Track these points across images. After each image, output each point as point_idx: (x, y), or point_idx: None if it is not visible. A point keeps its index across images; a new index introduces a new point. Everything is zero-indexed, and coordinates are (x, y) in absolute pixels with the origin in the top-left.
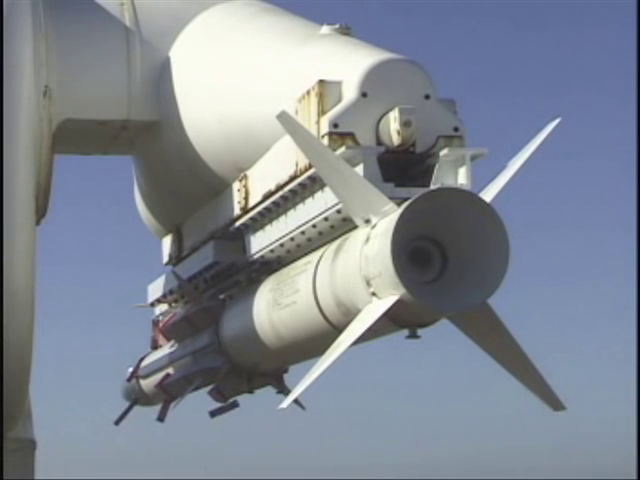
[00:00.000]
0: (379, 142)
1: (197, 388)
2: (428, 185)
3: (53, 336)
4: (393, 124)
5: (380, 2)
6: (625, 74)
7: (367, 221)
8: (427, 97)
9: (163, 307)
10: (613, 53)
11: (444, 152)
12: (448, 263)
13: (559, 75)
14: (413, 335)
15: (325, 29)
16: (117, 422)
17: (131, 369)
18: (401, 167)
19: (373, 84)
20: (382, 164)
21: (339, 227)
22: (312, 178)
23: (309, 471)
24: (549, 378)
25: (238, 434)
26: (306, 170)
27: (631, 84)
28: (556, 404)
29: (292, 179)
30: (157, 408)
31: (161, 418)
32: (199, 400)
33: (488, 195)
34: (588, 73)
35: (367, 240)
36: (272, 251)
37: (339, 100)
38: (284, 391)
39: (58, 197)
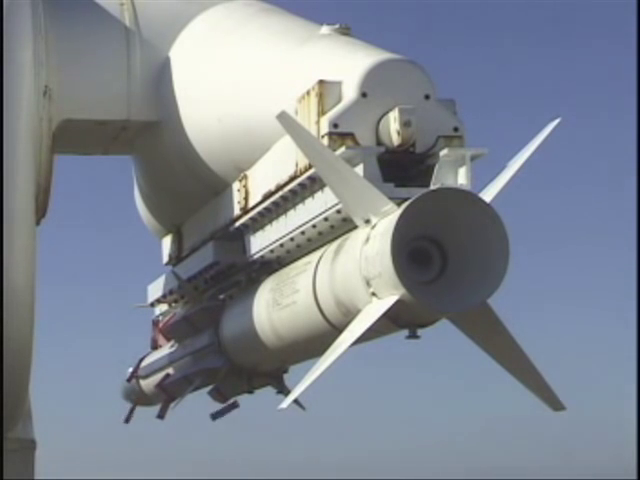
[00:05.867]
0: (379, 142)
1: (197, 388)
2: (428, 185)
3: (53, 336)
4: (393, 124)
5: (380, 2)
6: (625, 74)
7: (367, 221)
8: (427, 97)
9: (163, 307)
10: (613, 53)
11: (444, 152)
12: (448, 263)
13: (559, 75)
14: (413, 335)
15: (325, 29)
16: (127, 420)
17: (131, 369)
18: (401, 167)
19: (373, 84)
20: (382, 164)
21: (339, 227)
22: (312, 178)
23: (309, 471)
24: (549, 378)
25: (238, 434)
26: (306, 170)
27: (631, 84)
28: (556, 404)
29: (292, 179)
30: (157, 408)
31: (161, 415)
32: (199, 400)
33: (488, 195)
34: (588, 73)
35: (367, 240)
36: (272, 251)
37: (339, 100)
38: (284, 391)
39: (58, 197)
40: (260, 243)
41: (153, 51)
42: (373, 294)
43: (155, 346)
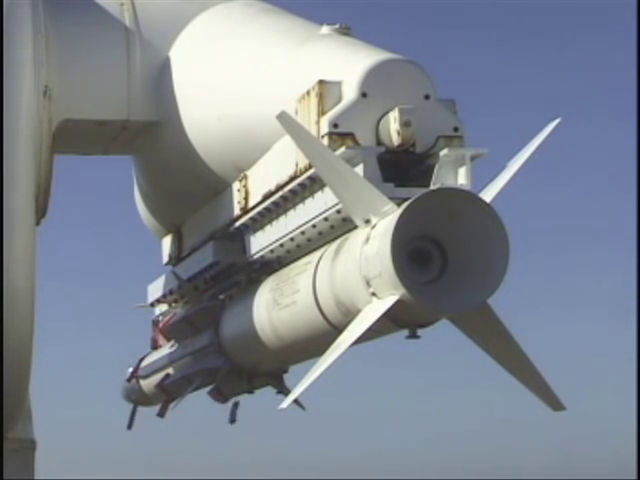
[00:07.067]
0: (379, 142)
1: (197, 388)
2: (428, 185)
3: (53, 336)
4: (393, 124)
5: (380, 2)
6: (625, 74)
7: (367, 221)
8: (427, 97)
9: (163, 307)
10: (613, 53)
11: (444, 152)
12: (448, 263)
13: (559, 75)
14: (413, 335)
15: (325, 29)
16: (129, 426)
17: (131, 369)
18: (401, 167)
19: (373, 84)
20: (382, 164)
21: (339, 227)
22: (312, 178)
23: (309, 471)
24: (549, 378)
25: (238, 434)
26: (306, 170)
27: (631, 84)
28: (556, 404)
29: (292, 179)
30: (157, 408)
31: (161, 414)
32: (199, 400)
33: (488, 195)
34: (588, 73)
35: (367, 240)
36: (272, 251)
37: (339, 100)
38: (284, 391)
39: (58, 197)
40: (260, 243)
41: (153, 51)
42: (373, 294)
43: (155, 346)
